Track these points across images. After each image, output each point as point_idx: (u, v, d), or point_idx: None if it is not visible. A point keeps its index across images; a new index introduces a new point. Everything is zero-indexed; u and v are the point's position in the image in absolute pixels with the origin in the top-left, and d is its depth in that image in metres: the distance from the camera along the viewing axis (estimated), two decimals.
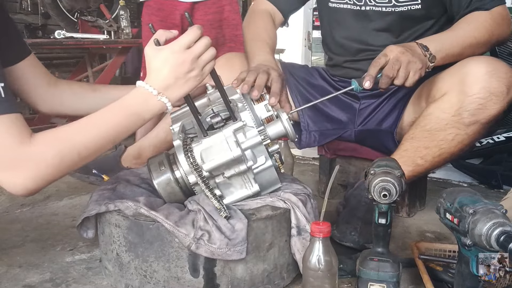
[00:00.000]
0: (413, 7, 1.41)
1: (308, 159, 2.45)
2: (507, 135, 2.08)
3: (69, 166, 0.94)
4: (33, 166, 0.89)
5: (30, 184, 0.90)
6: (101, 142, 0.96)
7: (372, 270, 0.96)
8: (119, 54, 3.21)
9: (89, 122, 0.97)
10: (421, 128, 1.32)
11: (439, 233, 1.49)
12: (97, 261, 1.26)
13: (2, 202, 1.72)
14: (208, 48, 0.99)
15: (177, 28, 2.20)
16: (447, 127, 1.28)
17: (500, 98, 1.23)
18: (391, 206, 0.97)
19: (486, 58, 1.28)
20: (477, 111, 1.24)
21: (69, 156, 0.92)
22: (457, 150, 1.31)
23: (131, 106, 0.98)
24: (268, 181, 1.12)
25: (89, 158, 0.96)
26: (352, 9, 1.50)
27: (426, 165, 1.32)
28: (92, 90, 1.28)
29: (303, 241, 1.09)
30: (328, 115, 1.61)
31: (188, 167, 1.05)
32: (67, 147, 0.92)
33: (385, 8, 1.45)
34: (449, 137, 1.28)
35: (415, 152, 1.32)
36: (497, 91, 1.22)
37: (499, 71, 1.23)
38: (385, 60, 1.20)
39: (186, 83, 0.99)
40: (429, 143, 1.30)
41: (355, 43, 1.54)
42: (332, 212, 1.50)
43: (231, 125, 1.06)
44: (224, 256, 1.00)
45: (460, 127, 1.27)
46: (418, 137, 1.32)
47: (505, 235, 0.79)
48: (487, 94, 1.22)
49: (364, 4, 1.47)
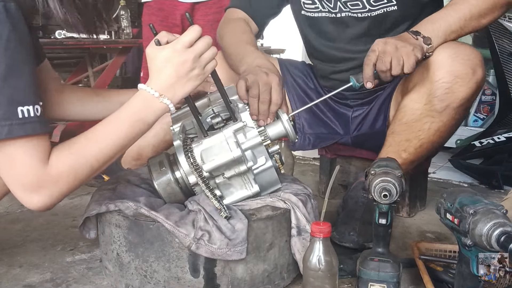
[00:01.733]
0: (389, 8, 1.38)
1: (309, 159, 2.45)
2: (507, 135, 2.08)
3: (83, 180, 0.95)
4: (52, 186, 0.90)
5: (48, 201, 0.92)
6: (111, 153, 0.96)
7: (373, 270, 0.96)
8: (120, 54, 3.21)
9: (98, 134, 0.97)
10: (399, 122, 1.32)
11: (439, 233, 1.49)
12: (98, 261, 1.26)
13: (2, 202, 1.71)
14: (209, 47, 0.99)
15: (177, 28, 2.22)
16: (422, 117, 1.28)
17: (466, 80, 1.22)
18: (391, 206, 0.97)
19: (450, 43, 1.25)
20: (445, 96, 1.23)
21: (82, 171, 0.94)
22: (437, 138, 1.30)
23: (135, 113, 0.98)
24: (268, 181, 1.12)
25: (100, 169, 0.97)
26: (329, 17, 1.46)
27: (411, 157, 1.32)
28: (96, 95, 1.28)
29: (303, 241, 1.09)
30: (323, 120, 1.61)
31: (188, 168, 1.05)
32: (81, 163, 0.93)
33: (360, 14, 1.41)
34: (425, 127, 1.28)
35: (398, 146, 1.32)
36: (461, 73, 1.21)
37: (462, 53, 1.22)
38: (375, 55, 1.17)
39: (188, 82, 0.98)
40: (409, 135, 1.30)
41: (336, 51, 1.50)
42: (333, 212, 1.50)
43: (232, 125, 1.06)
44: (224, 256, 1.00)
45: (434, 115, 1.27)
46: (397, 131, 1.32)
47: (506, 236, 0.79)
48: (452, 78, 1.21)
49: (339, 11, 1.43)
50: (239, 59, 1.36)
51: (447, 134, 1.33)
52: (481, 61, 1.25)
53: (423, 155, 1.35)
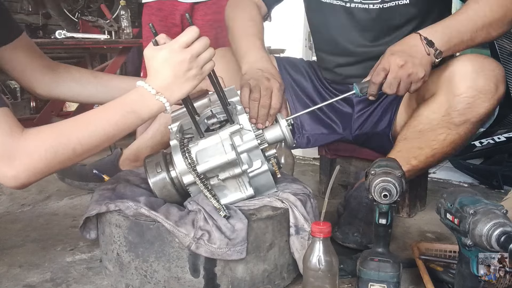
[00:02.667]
0: (401, 2, 1.36)
1: (309, 159, 2.45)
2: (507, 135, 2.07)
3: (62, 162, 0.93)
4: (25, 158, 0.89)
5: (22, 176, 0.90)
6: (97, 139, 0.95)
7: (373, 270, 0.96)
8: (120, 54, 3.21)
9: (86, 119, 0.96)
10: (412, 129, 1.31)
11: (439, 233, 1.49)
12: (98, 261, 1.26)
13: (2, 202, 1.72)
14: (207, 47, 0.99)
15: (177, 28, 2.22)
16: (438, 127, 1.27)
17: (489, 96, 1.21)
18: (391, 206, 0.97)
19: (473, 56, 1.25)
20: (466, 111, 1.22)
21: (63, 152, 0.92)
22: (450, 149, 1.30)
23: (130, 104, 0.97)
24: (264, 185, 1.12)
25: (85, 155, 0.96)
26: (342, 6, 1.44)
27: (420, 165, 1.32)
28: (94, 77, 1.27)
29: (302, 240, 1.09)
30: (323, 120, 1.60)
31: (183, 168, 1.05)
32: (62, 142, 0.92)
33: (372, 5, 1.39)
34: (441, 137, 1.28)
35: (408, 152, 1.31)
36: (484, 89, 1.20)
37: (486, 68, 1.21)
38: (384, 74, 1.16)
39: (186, 82, 0.98)
40: (422, 144, 1.30)
41: (344, 42, 1.49)
42: (333, 212, 1.50)
43: (228, 127, 1.06)
44: (224, 256, 1.00)
45: (451, 127, 1.26)
46: (410, 138, 1.32)
47: (506, 236, 0.79)
48: (475, 93, 1.20)
49: (350, 1, 1.42)
50: (242, 54, 1.35)
51: (460, 147, 1.32)
52: (504, 76, 1.24)
53: (433, 164, 1.36)
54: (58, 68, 1.25)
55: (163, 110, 1.00)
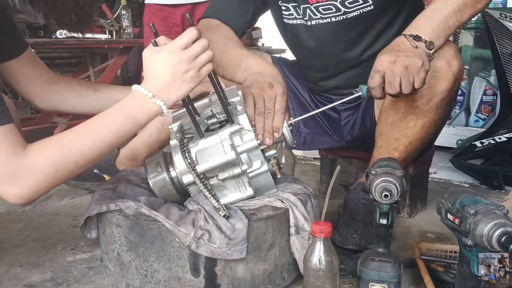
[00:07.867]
0: (365, 9, 1.35)
1: (310, 159, 2.45)
2: (508, 135, 2.07)
3: (66, 175, 0.94)
4: (29, 177, 0.89)
5: (26, 194, 0.90)
6: (98, 149, 0.95)
7: (373, 271, 0.96)
8: (121, 53, 3.22)
9: (85, 129, 0.96)
10: (384, 122, 1.33)
11: (440, 233, 1.49)
12: (98, 261, 1.26)
13: (3, 202, 1.72)
14: (205, 49, 0.98)
15: (177, 28, 2.22)
16: (406, 115, 1.29)
17: (443, 73, 1.22)
18: (392, 207, 0.97)
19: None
20: (425, 92, 1.23)
21: (66, 165, 0.92)
22: (424, 133, 1.31)
23: (127, 111, 0.97)
24: (263, 185, 1.12)
25: (87, 165, 0.96)
26: (304, 24, 1.43)
27: (403, 155, 1.33)
28: (93, 89, 1.28)
29: (302, 240, 1.09)
30: (318, 123, 1.61)
31: (183, 167, 1.05)
32: (64, 156, 0.92)
33: (335, 18, 1.38)
34: (411, 124, 1.29)
35: (388, 146, 1.33)
36: (437, 67, 1.21)
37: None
38: (380, 76, 1.10)
39: (183, 84, 0.98)
40: (397, 134, 1.31)
41: (316, 60, 1.48)
42: (334, 212, 1.50)
43: (228, 127, 1.06)
44: (224, 255, 1.00)
45: (417, 112, 1.27)
46: (385, 131, 1.33)
47: (506, 236, 0.79)
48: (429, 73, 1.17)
49: (309, 19, 1.40)
50: (233, 66, 1.27)
51: (433, 129, 1.34)
52: (456, 52, 1.24)
53: (414, 152, 1.36)
54: (59, 82, 1.25)
55: (160, 113, 0.99)
